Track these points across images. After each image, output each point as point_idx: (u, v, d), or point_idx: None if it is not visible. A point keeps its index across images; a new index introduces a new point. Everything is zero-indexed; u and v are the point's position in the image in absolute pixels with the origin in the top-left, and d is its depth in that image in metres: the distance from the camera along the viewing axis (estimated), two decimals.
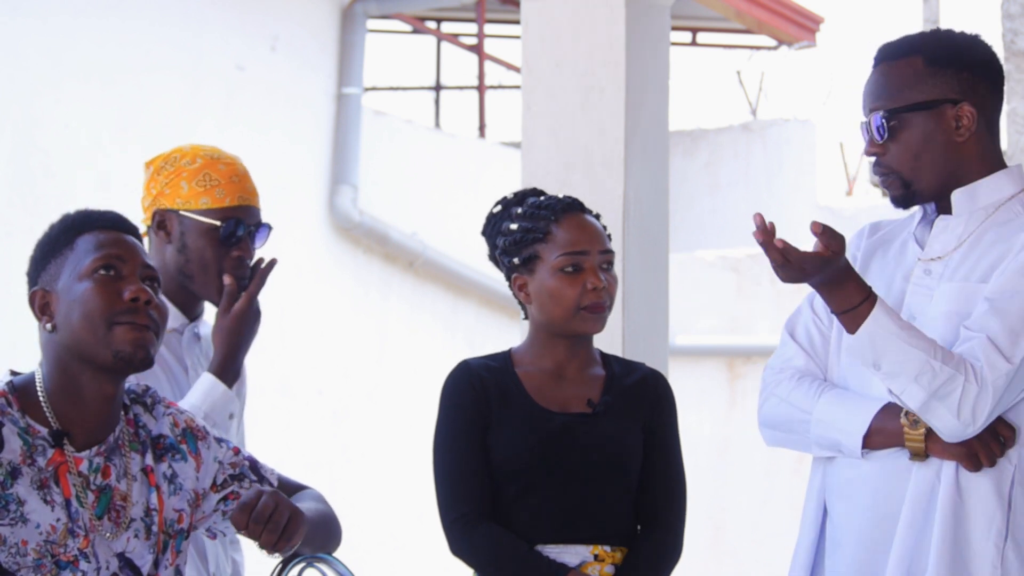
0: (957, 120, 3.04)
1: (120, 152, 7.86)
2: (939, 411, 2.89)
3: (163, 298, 2.90)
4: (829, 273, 2.93)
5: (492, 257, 3.50)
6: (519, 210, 3.43)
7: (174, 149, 3.63)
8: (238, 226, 3.60)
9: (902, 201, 3.10)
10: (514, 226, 3.40)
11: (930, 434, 2.96)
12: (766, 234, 2.91)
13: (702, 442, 9.33)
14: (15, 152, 7.49)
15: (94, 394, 2.84)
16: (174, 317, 3.53)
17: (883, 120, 3.05)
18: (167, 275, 3.52)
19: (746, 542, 9.33)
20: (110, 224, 2.91)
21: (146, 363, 2.84)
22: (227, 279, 3.55)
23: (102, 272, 2.84)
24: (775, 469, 8.93)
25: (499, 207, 3.48)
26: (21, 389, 2.85)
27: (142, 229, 3.62)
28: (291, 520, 2.82)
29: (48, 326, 2.85)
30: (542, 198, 3.45)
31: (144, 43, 8.07)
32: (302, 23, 9.10)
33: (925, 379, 2.88)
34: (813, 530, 3.15)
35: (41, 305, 2.87)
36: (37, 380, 2.85)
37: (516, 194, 3.50)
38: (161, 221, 3.58)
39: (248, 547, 3.55)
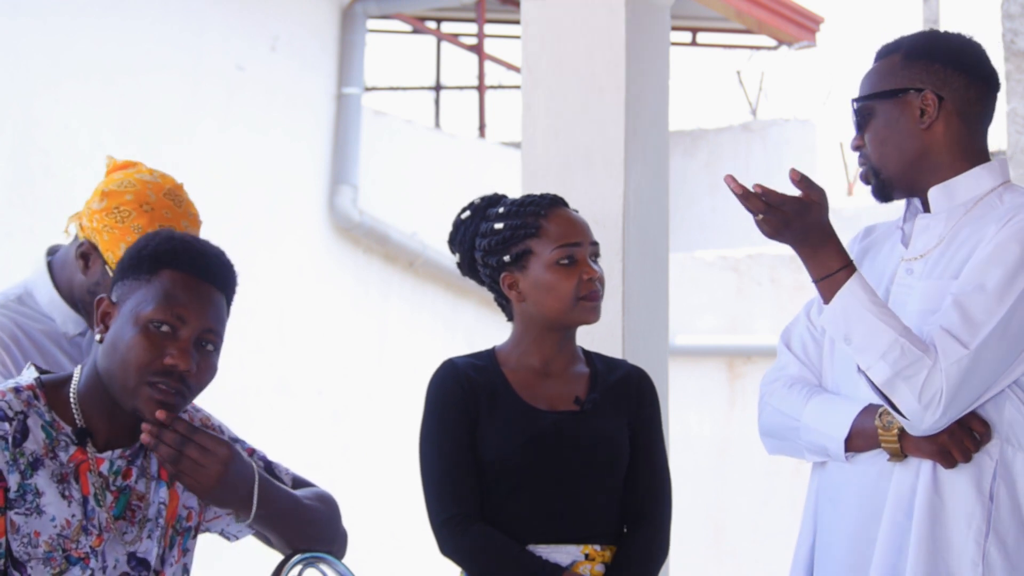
0: (922, 108, 3.06)
1: (120, 152, 7.83)
2: (902, 391, 2.89)
3: (216, 360, 2.87)
4: (810, 225, 2.94)
5: (465, 263, 3.48)
6: (500, 210, 3.43)
7: (138, 194, 3.40)
8: None
9: (878, 191, 3.14)
10: (499, 225, 3.40)
11: (903, 433, 2.97)
12: (742, 187, 2.94)
13: (702, 442, 9.33)
14: (15, 152, 7.49)
15: (121, 412, 2.85)
16: (75, 323, 3.46)
17: (854, 110, 3.11)
18: (71, 288, 3.43)
19: (746, 542, 9.33)
20: (198, 270, 2.86)
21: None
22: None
23: (155, 326, 2.81)
24: (775, 469, 8.93)
25: (467, 213, 3.48)
26: (51, 386, 2.87)
27: (65, 229, 3.48)
28: (194, 481, 2.83)
29: (99, 337, 2.86)
30: (519, 197, 3.47)
31: (144, 43, 8.07)
32: (302, 23, 9.10)
33: (892, 356, 2.89)
34: (811, 534, 3.17)
35: (103, 313, 2.87)
36: (73, 380, 2.87)
37: (483, 198, 3.50)
38: (86, 254, 3.40)
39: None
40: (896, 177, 3.10)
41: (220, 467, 2.84)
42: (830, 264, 2.97)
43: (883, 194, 3.13)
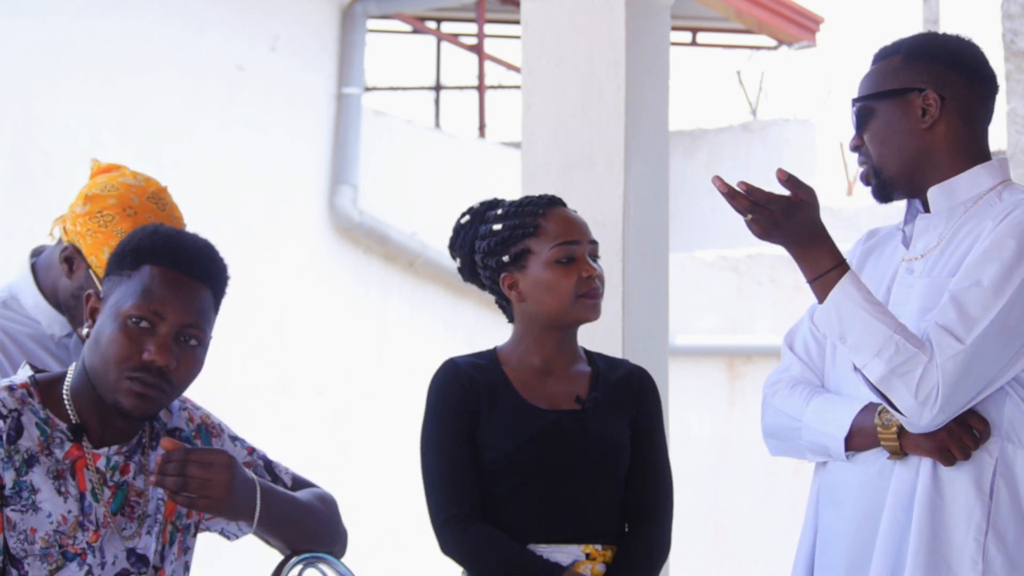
0: (924, 108, 3.07)
1: (120, 152, 7.85)
2: (898, 388, 2.89)
3: (200, 355, 2.86)
4: (800, 224, 2.94)
5: (465, 268, 3.49)
6: (499, 212, 3.44)
7: (121, 198, 3.38)
8: None
9: (878, 192, 3.14)
10: (498, 226, 3.41)
11: (903, 431, 2.97)
12: (727, 186, 2.93)
13: (702, 442, 9.33)
14: (15, 152, 7.49)
15: (111, 410, 2.85)
16: (61, 325, 3.45)
17: (855, 110, 3.12)
18: (55, 290, 3.42)
19: (746, 542, 9.33)
20: (178, 264, 2.85)
21: (145, 418, 2.86)
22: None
23: (133, 322, 2.81)
24: (775, 469, 8.93)
25: (467, 217, 3.48)
26: (45, 384, 2.88)
27: (50, 232, 3.46)
28: (204, 500, 2.81)
29: (85, 332, 2.86)
30: (518, 199, 3.47)
31: (144, 43, 8.08)
32: (302, 23, 9.10)
33: (887, 353, 2.89)
34: (812, 533, 3.17)
35: (91, 309, 2.87)
36: (67, 378, 2.87)
37: (482, 203, 3.50)
38: (70, 258, 3.38)
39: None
40: (896, 177, 3.10)
41: (227, 473, 2.83)
42: (823, 264, 2.96)
43: (883, 194, 3.13)
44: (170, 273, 2.84)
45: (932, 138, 3.08)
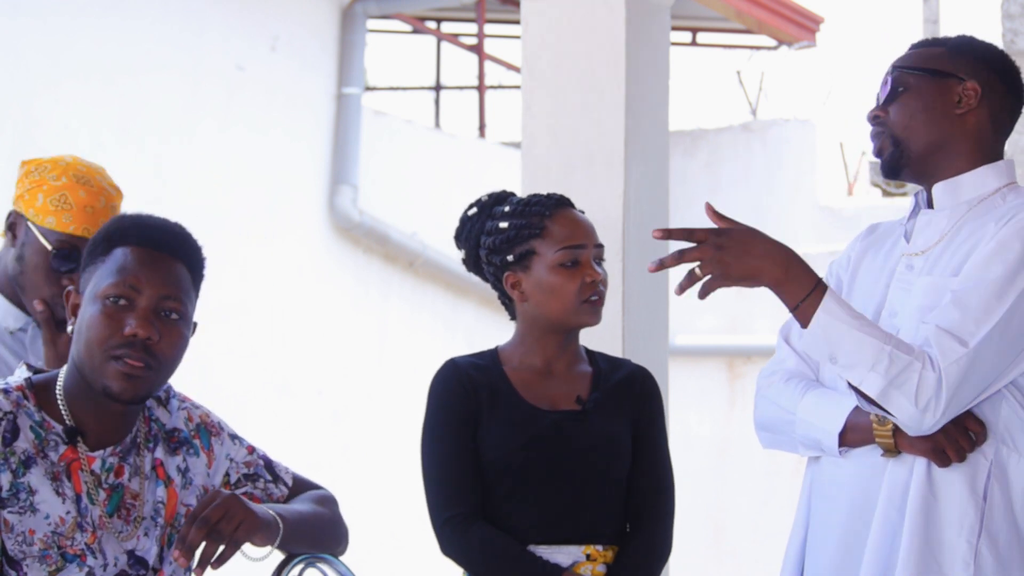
0: (961, 96, 3.08)
1: (120, 152, 7.85)
2: (898, 399, 2.87)
3: (184, 329, 2.85)
4: (761, 256, 2.96)
5: (470, 260, 3.49)
6: (506, 208, 3.43)
7: (54, 157, 3.53)
8: (71, 256, 3.42)
9: (888, 163, 3.12)
10: (504, 224, 3.40)
11: (898, 429, 2.96)
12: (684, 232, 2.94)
13: (702, 442, 9.33)
14: (15, 152, 7.48)
15: (105, 404, 2.85)
16: (15, 318, 3.47)
17: (895, 77, 3.11)
18: (6, 276, 3.49)
19: (746, 542, 9.33)
20: (148, 242, 2.86)
21: (136, 400, 2.84)
22: (38, 304, 3.39)
23: (112, 301, 2.81)
24: (775, 469, 8.93)
25: (474, 210, 3.48)
26: (40, 386, 2.87)
27: (2, 232, 3.54)
28: (241, 526, 2.79)
29: (70, 328, 2.86)
30: (527, 196, 3.46)
31: (144, 43, 8.07)
32: (302, 23, 9.10)
33: (882, 367, 2.87)
34: (803, 529, 3.16)
35: (72, 305, 2.88)
36: (59, 378, 2.87)
37: (491, 195, 3.50)
38: (13, 224, 3.49)
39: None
40: (915, 154, 3.09)
41: (227, 497, 2.82)
42: (802, 287, 2.94)
43: (893, 167, 3.12)
44: (142, 251, 2.85)
45: (961, 126, 3.08)
